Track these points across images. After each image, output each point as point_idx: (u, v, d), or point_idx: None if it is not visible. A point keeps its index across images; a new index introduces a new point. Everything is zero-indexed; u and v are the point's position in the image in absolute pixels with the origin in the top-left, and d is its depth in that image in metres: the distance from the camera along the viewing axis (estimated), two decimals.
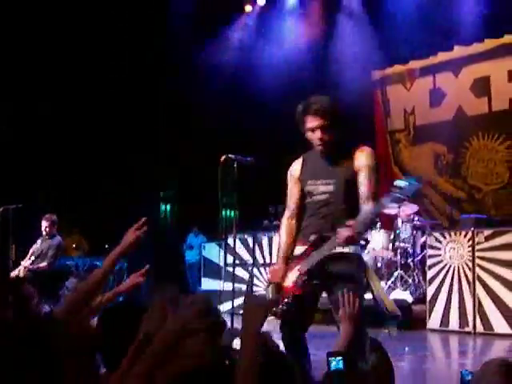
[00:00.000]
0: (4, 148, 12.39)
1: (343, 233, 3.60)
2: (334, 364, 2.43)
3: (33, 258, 8.81)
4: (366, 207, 3.74)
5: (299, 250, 3.99)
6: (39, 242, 9.05)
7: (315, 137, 3.93)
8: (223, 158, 5.07)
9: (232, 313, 5.01)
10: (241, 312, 2.16)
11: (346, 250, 3.82)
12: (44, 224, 9.01)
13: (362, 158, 3.88)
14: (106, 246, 12.08)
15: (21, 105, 12.41)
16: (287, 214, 4.17)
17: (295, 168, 4.17)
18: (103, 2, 12.40)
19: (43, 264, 8.85)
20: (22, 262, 8.80)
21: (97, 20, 12.38)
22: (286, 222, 4.14)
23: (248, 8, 14.10)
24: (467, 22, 11.39)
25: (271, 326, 3.02)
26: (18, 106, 12.40)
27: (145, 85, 13.10)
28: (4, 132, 12.30)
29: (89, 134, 12.95)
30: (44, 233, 9.03)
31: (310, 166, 4.09)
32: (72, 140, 12.82)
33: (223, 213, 6.15)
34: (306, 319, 3.99)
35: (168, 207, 16.47)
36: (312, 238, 3.90)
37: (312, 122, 3.90)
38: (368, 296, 4.00)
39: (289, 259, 4.01)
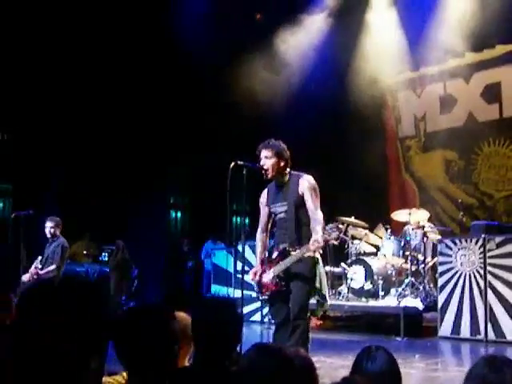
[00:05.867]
0: (13, 148, 12.40)
1: (311, 247, 4.90)
2: None
3: (40, 265, 8.69)
4: (315, 217, 5.06)
5: (275, 254, 5.27)
6: (47, 246, 8.87)
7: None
8: (232, 164, 5.05)
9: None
10: (250, 319, 2.17)
11: None
12: (48, 225, 8.75)
13: (304, 183, 5.14)
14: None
15: (30, 106, 12.40)
16: (260, 229, 5.46)
17: (263, 196, 5.44)
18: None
19: (51, 267, 8.67)
20: (30, 269, 8.66)
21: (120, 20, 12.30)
22: (260, 236, 5.47)
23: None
24: (478, 28, 11.29)
25: None
26: (27, 107, 12.40)
27: (160, 89, 13.09)
28: (13, 133, 12.31)
29: (100, 137, 12.91)
30: (48, 235, 8.77)
31: (271, 193, 5.36)
32: (82, 143, 12.76)
33: (233, 219, 6.14)
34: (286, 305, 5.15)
35: (179, 214, 16.44)
36: (281, 247, 5.21)
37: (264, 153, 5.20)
38: (375, 303, 4.07)
39: (263, 262, 5.33)
